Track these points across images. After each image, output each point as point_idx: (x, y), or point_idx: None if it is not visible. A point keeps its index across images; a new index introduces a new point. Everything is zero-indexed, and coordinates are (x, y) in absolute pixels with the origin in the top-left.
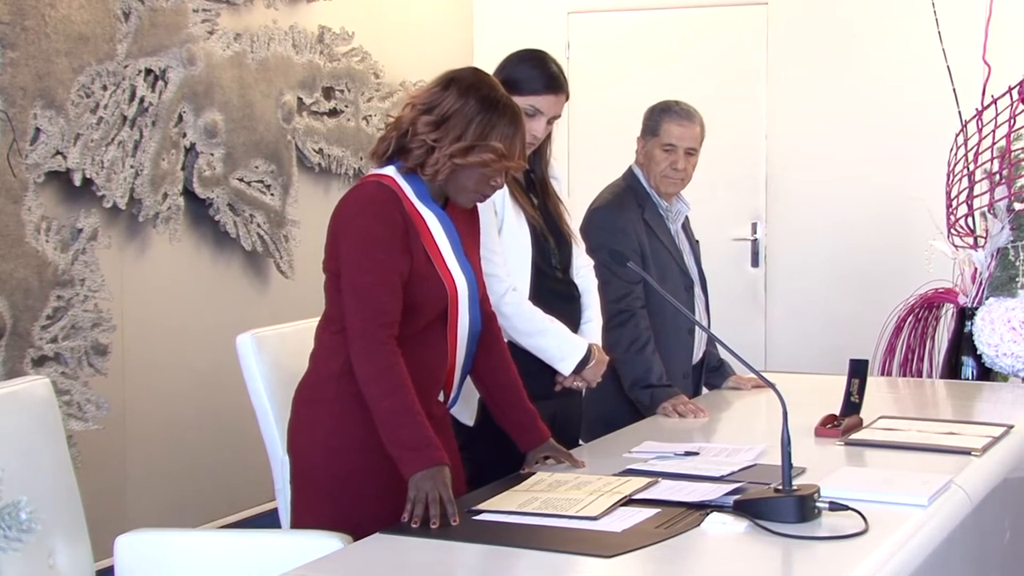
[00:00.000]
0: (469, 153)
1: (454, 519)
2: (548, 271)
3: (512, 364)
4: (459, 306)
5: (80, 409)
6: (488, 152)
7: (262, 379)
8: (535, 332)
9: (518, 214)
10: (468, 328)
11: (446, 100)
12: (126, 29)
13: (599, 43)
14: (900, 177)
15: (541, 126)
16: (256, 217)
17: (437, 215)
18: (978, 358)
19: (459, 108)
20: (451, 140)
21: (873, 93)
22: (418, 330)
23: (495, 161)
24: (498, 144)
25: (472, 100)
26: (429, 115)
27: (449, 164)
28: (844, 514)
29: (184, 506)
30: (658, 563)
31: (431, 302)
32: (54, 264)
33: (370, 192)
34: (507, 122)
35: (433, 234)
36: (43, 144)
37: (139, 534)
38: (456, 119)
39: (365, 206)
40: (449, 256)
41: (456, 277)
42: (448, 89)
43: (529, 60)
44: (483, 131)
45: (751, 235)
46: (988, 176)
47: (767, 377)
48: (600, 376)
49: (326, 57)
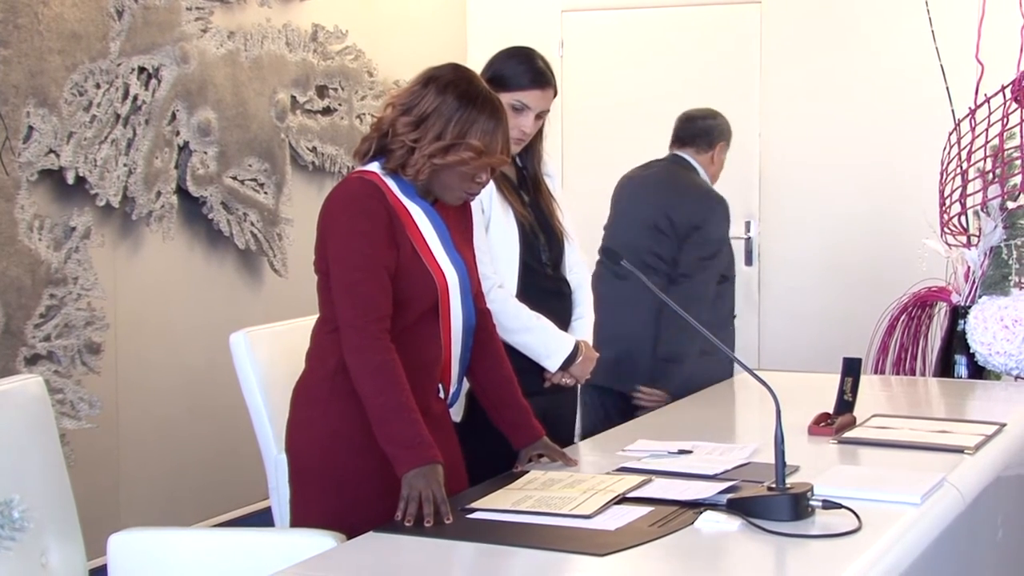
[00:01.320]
0: (448, 152)
1: (447, 518)
2: (537, 268)
3: (507, 361)
4: (450, 298)
5: (73, 408)
6: (467, 151)
7: (255, 377)
8: (520, 329)
9: (506, 211)
10: (462, 321)
11: (425, 99)
12: (119, 27)
13: (593, 41)
14: (893, 176)
15: (529, 122)
16: (249, 215)
17: (423, 208)
18: (971, 356)
19: (437, 107)
20: (430, 140)
21: (866, 91)
22: (409, 324)
23: (475, 159)
24: (476, 142)
25: (450, 97)
26: (408, 115)
27: (429, 164)
28: (837, 512)
29: (177, 505)
30: (651, 562)
31: (420, 295)
32: (47, 262)
33: (352, 188)
34: (487, 117)
35: (419, 226)
36: (36, 142)
37: (132, 533)
38: (434, 118)
39: (348, 202)
40: (437, 248)
41: (445, 269)
42: (427, 88)
43: (516, 56)
44: (462, 128)
45: (745, 233)
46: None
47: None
48: (588, 373)
49: (320, 55)
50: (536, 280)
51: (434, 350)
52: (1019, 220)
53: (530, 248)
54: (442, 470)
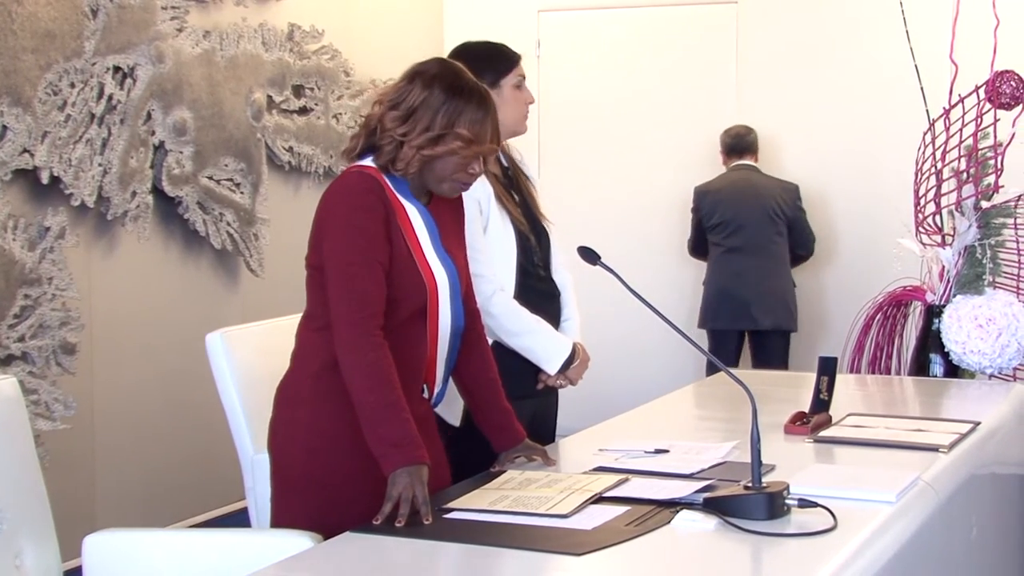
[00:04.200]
0: (438, 143)
1: (427, 518)
2: (532, 270)
3: (493, 364)
4: (439, 300)
5: (48, 408)
6: (456, 140)
7: (232, 378)
8: (524, 332)
9: (503, 214)
10: (450, 323)
11: (412, 94)
12: (94, 26)
13: (569, 41)
14: (869, 175)
15: (530, 95)
16: (226, 215)
17: (418, 209)
18: (946, 355)
19: (425, 99)
20: (419, 132)
21: (841, 91)
22: (397, 325)
23: (464, 148)
24: (465, 131)
25: (437, 89)
26: (396, 110)
27: (419, 156)
28: (813, 511)
29: (153, 505)
30: (628, 561)
31: (410, 296)
32: (21, 262)
33: (351, 181)
34: (475, 107)
35: (413, 226)
36: (10, 142)
37: (107, 534)
38: (422, 110)
39: (347, 195)
40: (428, 249)
41: (435, 270)
42: (413, 82)
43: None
44: (450, 119)
45: None
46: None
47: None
48: (582, 376)
49: (296, 55)
50: (530, 282)
51: (420, 351)
52: (993, 219)
53: (525, 251)
54: (427, 471)
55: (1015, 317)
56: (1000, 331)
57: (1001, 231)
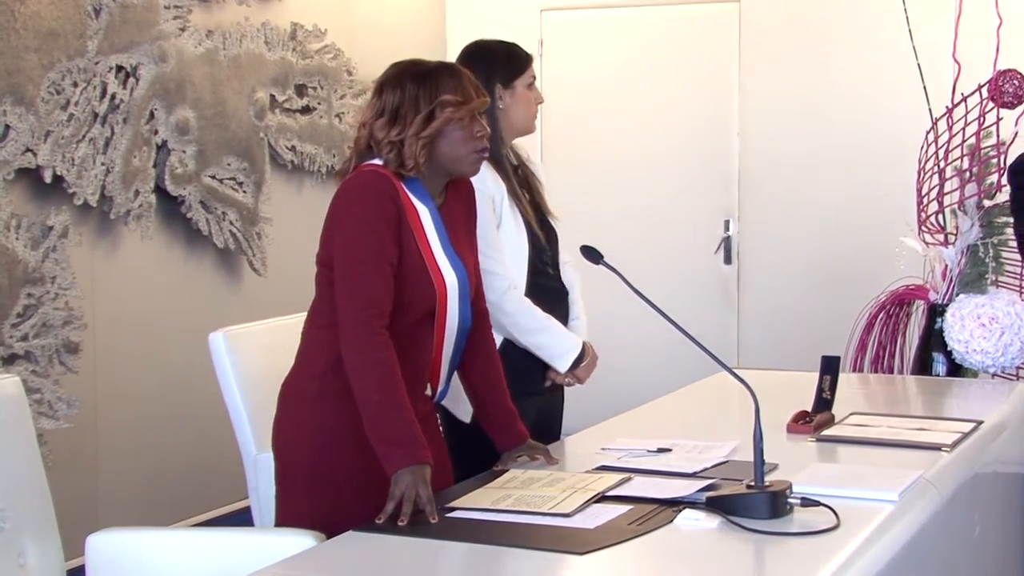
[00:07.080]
0: (431, 120)
1: (432, 517)
2: (542, 269)
3: (499, 363)
4: (447, 302)
5: (51, 407)
6: (447, 107)
7: (235, 377)
8: (537, 330)
9: (515, 213)
10: (457, 324)
11: (387, 98)
12: (96, 25)
13: (572, 40)
14: (871, 174)
15: (539, 93)
16: (228, 214)
17: (430, 211)
18: (948, 354)
19: (401, 96)
20: (410, 122)
21: (845, 91)
22: (404, 327)
23: (457, 110)
24: (449, 96)
25: (407, 82)
26: (381, 118)
27: (421, 144)
28: (816, 510)
29: (156, 505)
30: (630, 560)
31: (419, 299)
32: (24, 262)
33: (365, 180)
34: (447, 75)
35: (424, 228)
36: (13, 141)
37: (110, 533)
38: (405, 105)
39: (360, 194)
40: (438, 251)
41: (445, 273)
42: (383, 91)
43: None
44: (432, 94)
45: (724, 232)
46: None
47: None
48: (590, 375)
49: (298, 54)
50: (541, 280)
51: (426, 352)
52: (996, 218)
53: (537, 249)
54: (430, 471)
55: (1018, 316)
56: (1003, 330)
57: (1004, 230)
